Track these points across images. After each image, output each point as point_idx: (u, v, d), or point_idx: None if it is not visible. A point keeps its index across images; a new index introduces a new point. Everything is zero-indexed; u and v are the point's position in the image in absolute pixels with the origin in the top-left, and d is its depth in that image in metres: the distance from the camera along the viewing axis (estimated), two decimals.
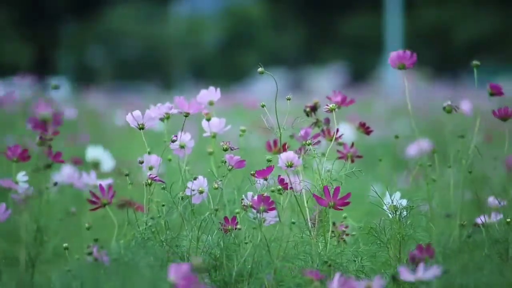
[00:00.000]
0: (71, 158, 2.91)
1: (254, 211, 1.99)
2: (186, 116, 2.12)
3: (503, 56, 23.50)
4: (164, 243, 2.00)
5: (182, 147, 2.12)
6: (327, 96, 2.20)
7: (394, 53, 2.17)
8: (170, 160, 2.15)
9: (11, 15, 25.94)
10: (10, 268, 2.05)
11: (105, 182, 2.55)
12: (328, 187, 2.01)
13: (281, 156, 2.04)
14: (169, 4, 28.53)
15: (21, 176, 2.12)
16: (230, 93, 11.42)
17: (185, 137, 2.12)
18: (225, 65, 26.65)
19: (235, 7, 28.03)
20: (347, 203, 1.99)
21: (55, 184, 2.25)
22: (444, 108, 2.17)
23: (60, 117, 2.25)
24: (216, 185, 2.05)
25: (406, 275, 1.75)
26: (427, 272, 1.74)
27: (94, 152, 2.99)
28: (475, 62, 2.11)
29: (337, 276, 1.74)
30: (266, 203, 1.98)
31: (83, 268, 1.87)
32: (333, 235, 2.08)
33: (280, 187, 2.02)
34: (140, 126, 2.09)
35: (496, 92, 2.12)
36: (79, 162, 2.93)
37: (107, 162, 3.00)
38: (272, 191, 2.02)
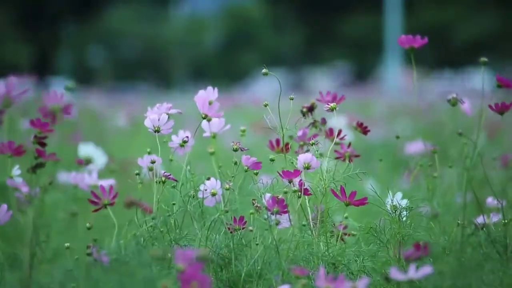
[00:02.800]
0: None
1: (268, 212, 1.99)
2: (204, 119, 2.12)
3: (503, 56, 23.50)
4: (173, 242, 2.00)
5: (182, 145, 2.12)
6: (317, 98, 2.21)
7: (402, 36, 2.22)
8: (171, 160, 2.15)
9: (11, 15, 25.94)
10: (11, 268, 2.05)
11: (106, 182, 2.54)
12: (330, 188, 2.02)
13: (299, 158, 2.05)
14: (169, 4, 28.54)
15: (15, 171, 2.12)
16: (229, 93, 11.42)
17: (186, 135, 2.13)
18: (225, 65, 26.67)
19: (235, 7, 28.04)
20: (364, 203, 2.01)
21: (50, 183, 2.25)
22: (449, 101, 2.16)
23: (71, 109, 2.26)
24: (227, 186, 2.05)
25: (397, 274, 1.74)
26: (419, 272, 1.74)
27: (85, 149, 2.96)
28: (483, 59, 2.10)
29: (322, 271, 1.74)
30: (280, 205, 1.98)
31: (81, 268, 1.86)
32: (332, 235, 2.08)
33: (296, 189, 2.02)
34: (156, 129, 2.10)
35: (503, 84, 2.11)
36: (80, 162, 2.92)
37: (100, 158, 2.97)
38: (285, 193, 2.02)
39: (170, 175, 2.05)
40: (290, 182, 2.03)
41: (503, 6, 25.91)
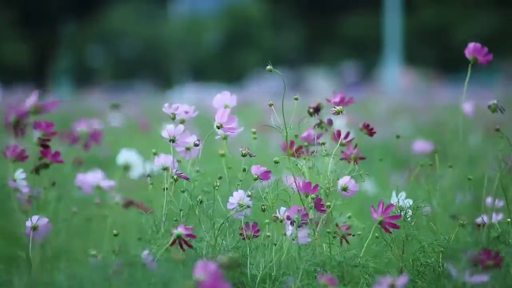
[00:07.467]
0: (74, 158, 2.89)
1: (289, 228, 1.96)
2: (219, 128, 2.07)
3: (503, 56, 23.51)
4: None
5: (188, 149, 2.11)
6: (327, 98, 2.20)
7: (471, 44, 2.22)
8: (179, 162, 2.14)
9: (11, 15, 25.94)
10: (13, 269, 2.05)
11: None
12: (371, 205, 2.00)
13: (339, 182, 2.03)
14: (169, 4, 28.54)
15: (20, 174, 2.12)
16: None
17: (191, 139, 2.10)
18: (225, 65, 26.65)
19: (235, 7, 28.03)
20: (396, 226, 1.99)
21: (53, 184, 2.25)
22: (489, 107, 2.19)
23: (100, 136, 2.31)
24: (249, 193, 2.02)
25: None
26: (476, 277, 1.76)
27: (126, 155, 2.86)
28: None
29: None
30: (301, 214, 1.95)
31: (92, 269, 1.85)
32: (335, 235, 2.08)
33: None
34: (172, 138, 2.06)
35: None
36: (81, 162, 2.91)
37: (138, 167, 2.86)
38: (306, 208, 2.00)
39: (182, 173, 2.02)
40: (306, 196, 2.01)
41: (503, 6, 25.90)
